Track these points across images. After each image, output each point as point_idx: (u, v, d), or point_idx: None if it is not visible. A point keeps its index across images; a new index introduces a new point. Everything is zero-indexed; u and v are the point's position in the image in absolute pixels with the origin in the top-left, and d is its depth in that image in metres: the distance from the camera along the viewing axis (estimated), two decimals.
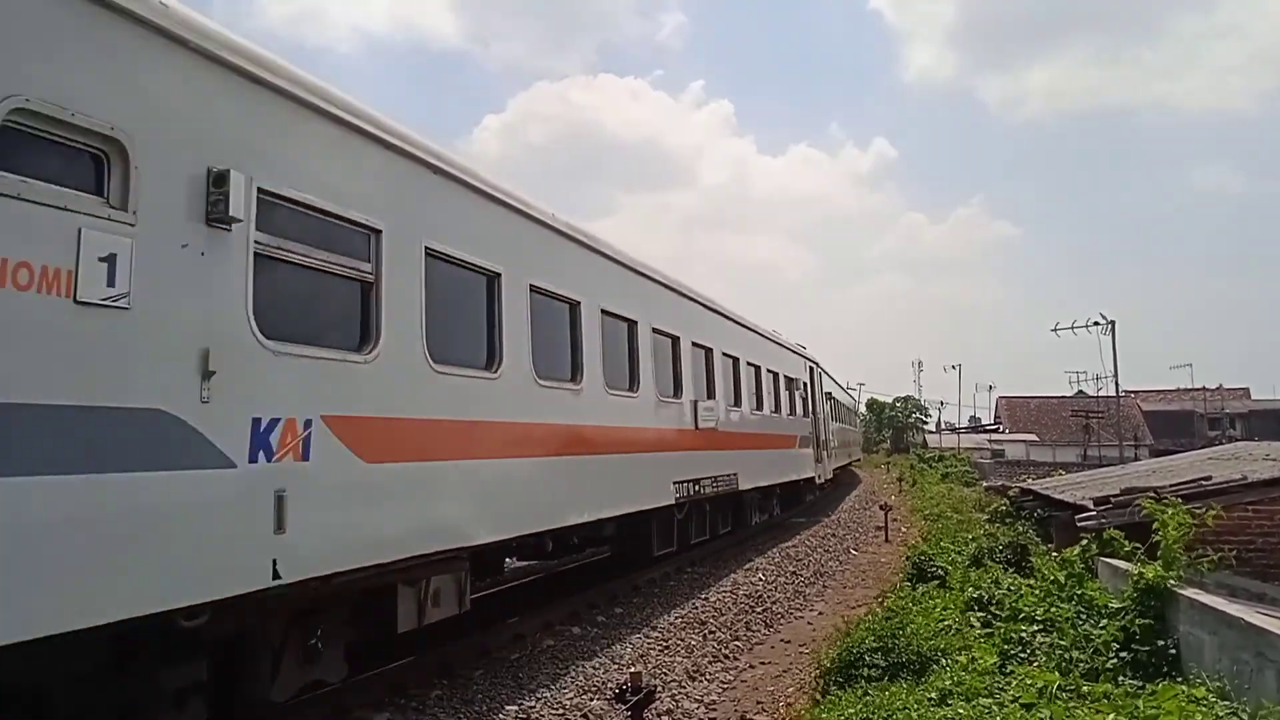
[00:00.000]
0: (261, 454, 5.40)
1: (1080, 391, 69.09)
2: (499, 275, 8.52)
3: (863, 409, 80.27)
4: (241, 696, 6.08)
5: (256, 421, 5.39)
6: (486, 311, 8.48)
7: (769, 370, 20.48)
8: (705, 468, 14.46)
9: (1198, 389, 74.68)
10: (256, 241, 5.56)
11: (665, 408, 13.08)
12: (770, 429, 19.98)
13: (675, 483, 13.00)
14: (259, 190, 5.59)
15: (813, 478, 24.54)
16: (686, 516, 14.44)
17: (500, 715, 7.21)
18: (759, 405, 19.17)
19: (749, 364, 18.51)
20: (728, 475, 15.70)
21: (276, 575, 5.40)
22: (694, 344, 14.70)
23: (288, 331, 5.78)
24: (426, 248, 7.40)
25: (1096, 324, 49.27)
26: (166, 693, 5.34)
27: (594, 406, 10.45)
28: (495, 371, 8.35)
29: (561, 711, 7.35)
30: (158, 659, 5.28)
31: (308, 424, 5.81)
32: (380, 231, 6.76)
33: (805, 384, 24.80)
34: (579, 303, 10.29)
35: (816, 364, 27.29)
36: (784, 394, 21.97)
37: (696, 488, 13.94)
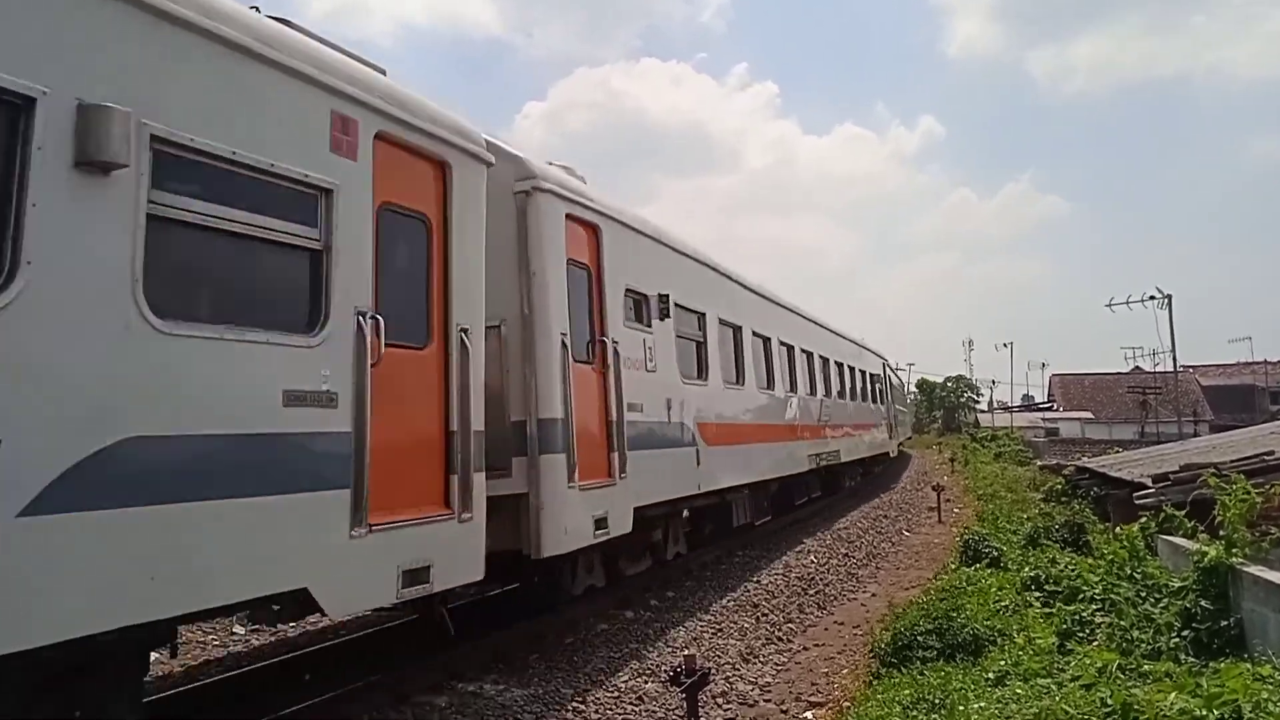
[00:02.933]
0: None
1: (1137, 367, 67.78)
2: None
3: (913, 389, 79.50)
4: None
5: None
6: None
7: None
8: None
9: (1258, 362, 72.81)
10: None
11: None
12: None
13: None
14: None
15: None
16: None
17: (556, 698, 7.29)
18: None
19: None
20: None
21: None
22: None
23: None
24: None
25: (1152, 298, 48.31)
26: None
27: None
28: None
29: (616, 694, 7.41)
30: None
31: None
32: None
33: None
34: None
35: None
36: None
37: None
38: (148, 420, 4.45)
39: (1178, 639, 6.89)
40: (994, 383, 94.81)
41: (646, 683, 7.69)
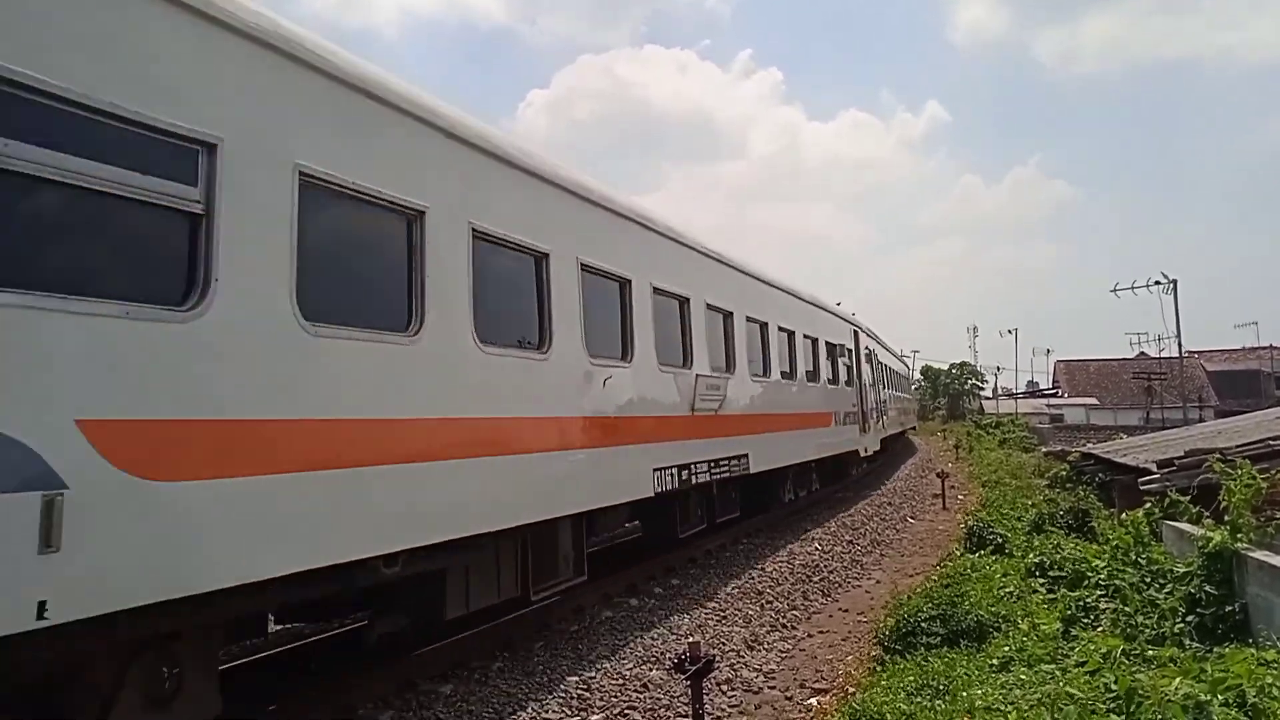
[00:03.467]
0: None
1: (1141, 353, 67.59)
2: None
3: (918, 376, 79.34)
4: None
5: None
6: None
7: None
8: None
9: (1264, 347, 72.54)
10: None
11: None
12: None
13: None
14: None
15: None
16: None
17: (561, 685, 7.31)
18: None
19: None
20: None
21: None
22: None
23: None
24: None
25: (1158, 283, 48.10)
26: None
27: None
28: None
29: (621, 681, 7.43)
30: None
31: None
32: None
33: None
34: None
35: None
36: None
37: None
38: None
39: (1182, 624, 6.90)
40: (999, 369, 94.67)
41: (651, 670, 7.71)
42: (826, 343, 19.94)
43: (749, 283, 14.73)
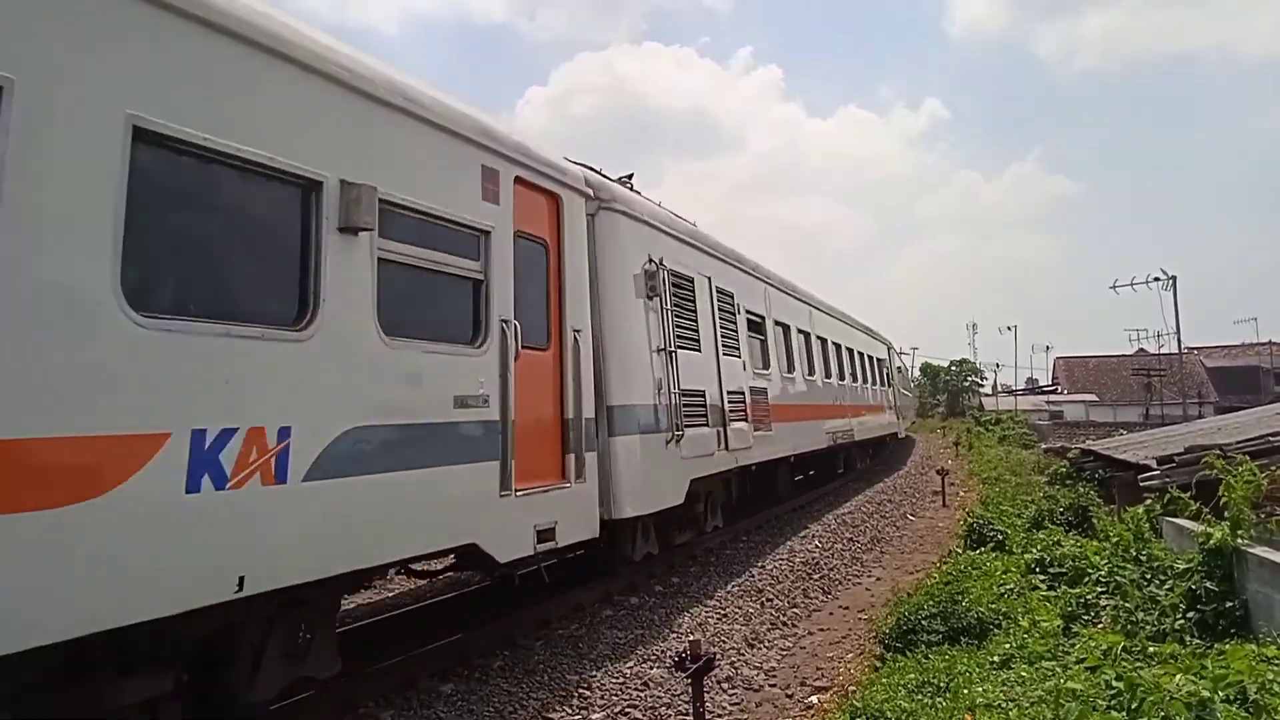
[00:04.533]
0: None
1: (1141, 349, 67.58)
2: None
3: (917, 373, 79.31)
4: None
5: None
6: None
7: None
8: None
9: (1263, 343, 72.52)
10: None
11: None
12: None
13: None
14: None
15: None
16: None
17: (562, 684, 7.32)
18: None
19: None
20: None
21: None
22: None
23: None
24: None
25: (1157, 280, 48.22)
26: None
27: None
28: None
29: (622, 680, 7.43)
30: None
31: None
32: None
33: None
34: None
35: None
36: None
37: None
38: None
39: (1183, 621, 6.89)
40: (998, 366, 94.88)
41: (652, 668, 7.71)
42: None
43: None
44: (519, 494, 7.34)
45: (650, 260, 10.56)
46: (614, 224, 9.95)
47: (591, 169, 10.09)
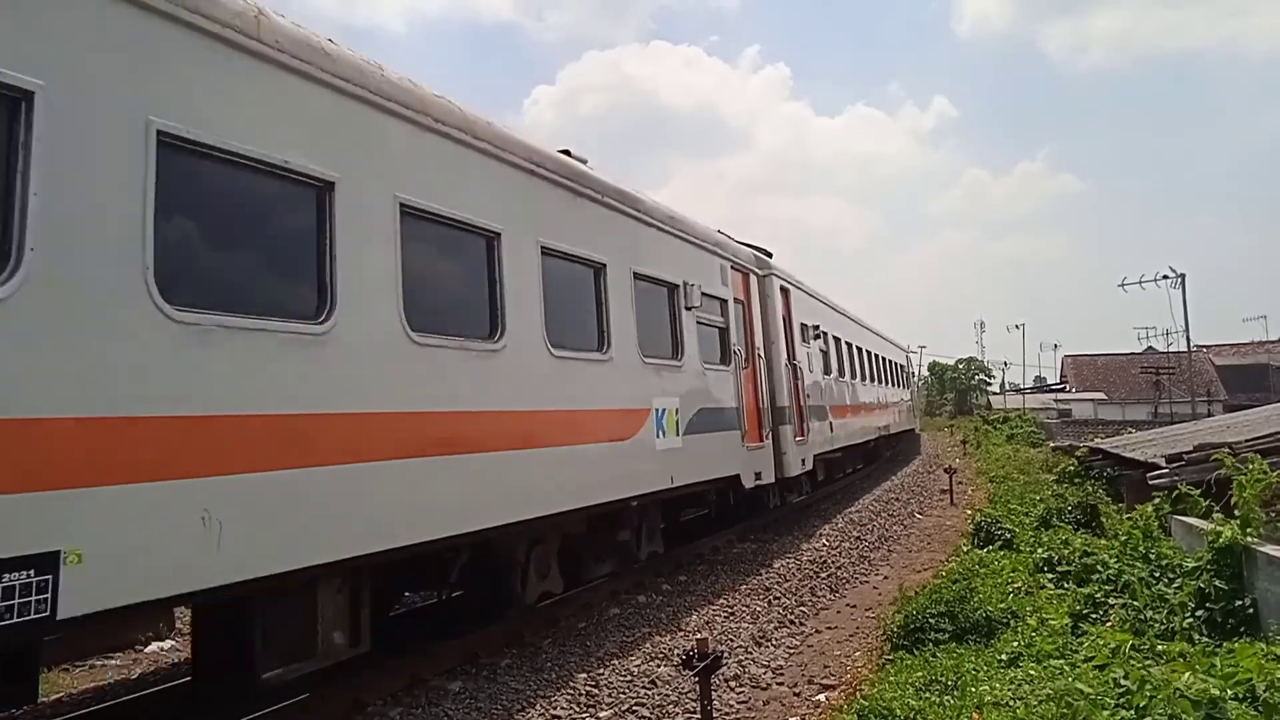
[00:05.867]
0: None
1: (1149, 348, 67.51)
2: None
3: (925, 372, 79.24)
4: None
5: None
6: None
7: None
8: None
9: (1273, 341, 72.27)
10: None
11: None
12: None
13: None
14: None
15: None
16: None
17: (570, 682, 7.32)
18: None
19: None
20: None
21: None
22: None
23: None
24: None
25: (1165, 278, 48.21)
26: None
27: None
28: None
29: (629, 678, 7.44)
30: None
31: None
32: None
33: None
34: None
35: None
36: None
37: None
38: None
39: (1192, 619, 6.88)
40: (1006, 364, 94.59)
41: (659, 666, 7.71)
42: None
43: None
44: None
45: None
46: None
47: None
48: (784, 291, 16.04)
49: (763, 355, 14.36)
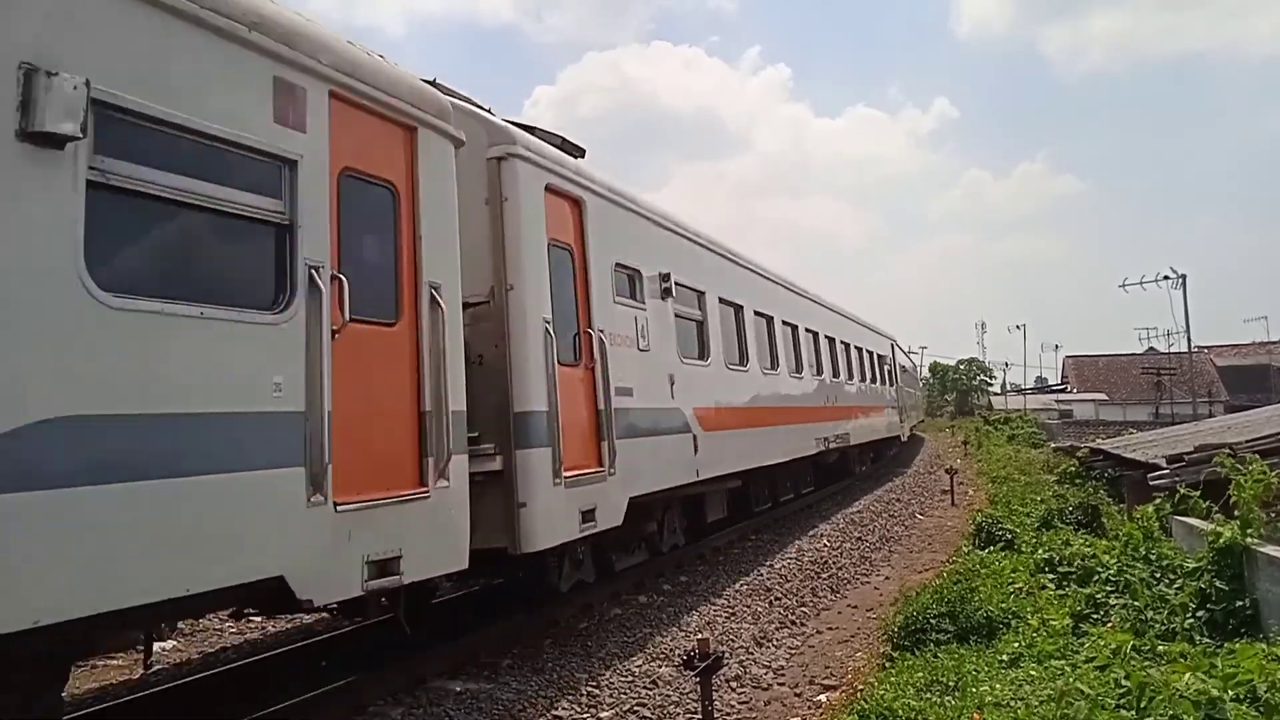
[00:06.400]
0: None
1: (1151, 348, 67.38)
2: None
3: (925, 373, 79.13)
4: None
5: None
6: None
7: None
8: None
9: (1274, 342, 72.19)
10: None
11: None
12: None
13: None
14: None
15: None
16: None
17: (571, 682, 7.33)
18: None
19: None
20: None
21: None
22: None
23: None
24: None
25: (1166, 278, 48.16)
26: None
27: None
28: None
29: (630, 678, 7.44)
30: None
31: None
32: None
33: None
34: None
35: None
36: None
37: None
38: None
39: (1192, 620, 6.89)
40: (1007, 365, 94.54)
41: (660, 667, 7.72)
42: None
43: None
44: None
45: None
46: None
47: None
48: (568, 201, 8.95)
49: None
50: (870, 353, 26.41)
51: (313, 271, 5.29)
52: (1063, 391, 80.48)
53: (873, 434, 25.21)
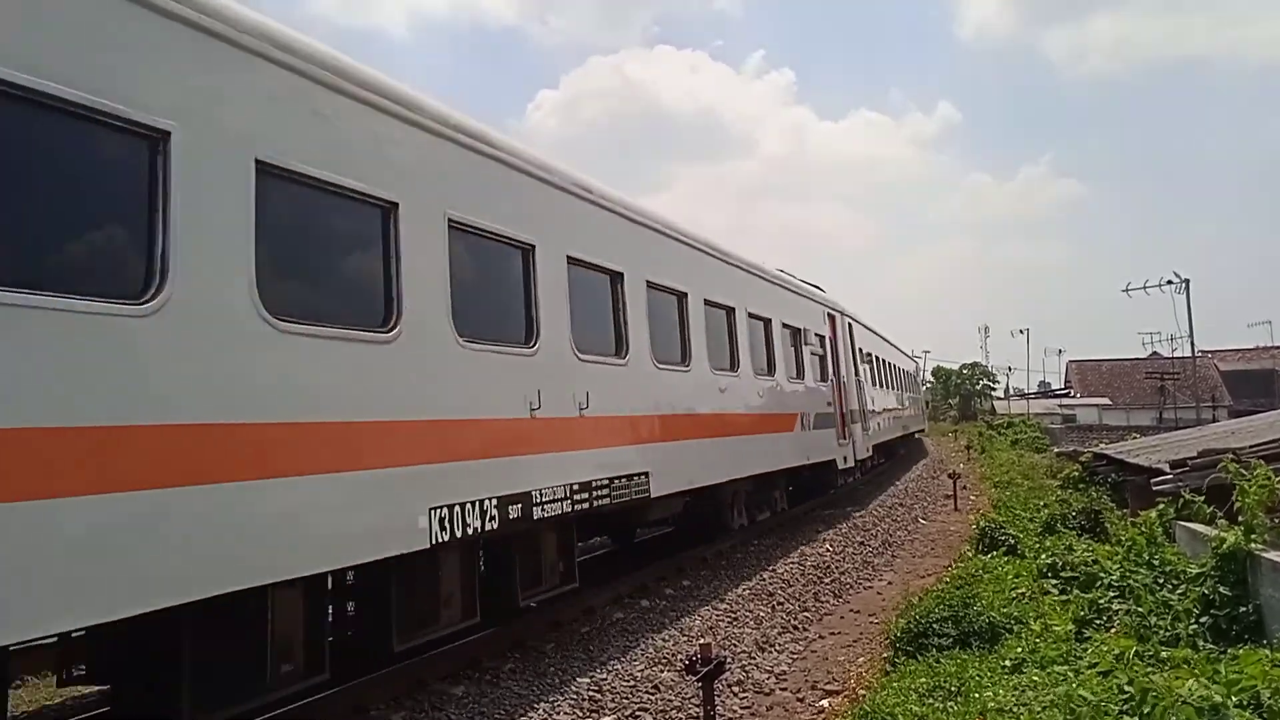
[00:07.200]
0: None
1: (1154, 353, 67.37)
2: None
3: (929, 376, 79.12)
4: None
5: None
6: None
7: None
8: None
9: (1277, 346, 72.14)
10: None
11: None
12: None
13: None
14: None
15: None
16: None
17: (572, 686, 7.32)
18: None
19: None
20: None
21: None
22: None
23: None
24: None
25: (1170, 283, 48.15)
26: None
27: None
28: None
29: (632, 683, 7.44)
30: None
31: None
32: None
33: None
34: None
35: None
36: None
37: None
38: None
39: (1196, 625, 6.86)
40: (1010, 369, 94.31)
41: (663, 671, 7.72)
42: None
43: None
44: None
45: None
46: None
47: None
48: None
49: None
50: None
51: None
52: (1066, 396, 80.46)
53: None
